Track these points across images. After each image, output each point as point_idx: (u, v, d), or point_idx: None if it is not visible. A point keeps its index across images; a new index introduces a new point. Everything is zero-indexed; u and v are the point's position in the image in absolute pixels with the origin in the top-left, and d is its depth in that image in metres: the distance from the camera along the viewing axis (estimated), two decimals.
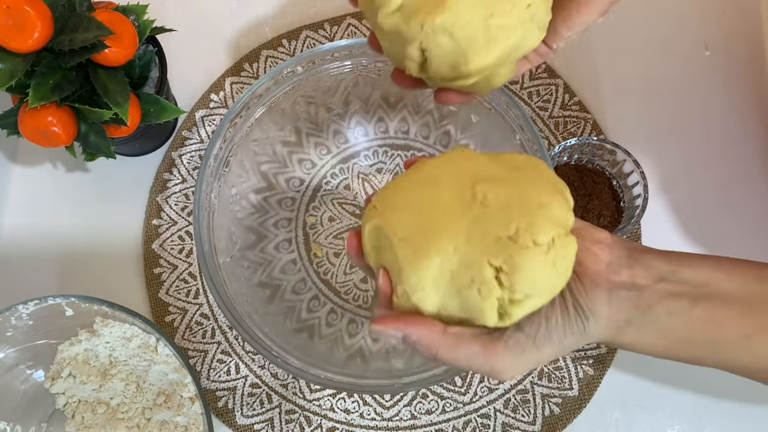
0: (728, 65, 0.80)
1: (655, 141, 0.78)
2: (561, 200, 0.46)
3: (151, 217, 0.77)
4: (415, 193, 0.48)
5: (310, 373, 0.62)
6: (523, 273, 0.44)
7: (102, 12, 0.65)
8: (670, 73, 0.80)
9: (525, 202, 0.45)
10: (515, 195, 0.46)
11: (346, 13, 0.82)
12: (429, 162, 0.50)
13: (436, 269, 0.45)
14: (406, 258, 0.46)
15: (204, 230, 0.66)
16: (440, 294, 0.46)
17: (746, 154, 0.77)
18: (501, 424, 0.71)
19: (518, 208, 0.45)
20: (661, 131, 0.78)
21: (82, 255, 0.76)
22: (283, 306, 0.73)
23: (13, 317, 0.63)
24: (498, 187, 0.47)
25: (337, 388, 0.62)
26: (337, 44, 0.68)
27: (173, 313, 0.75)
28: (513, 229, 0.44)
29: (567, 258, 0.45)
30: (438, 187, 0.48)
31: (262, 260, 0.74)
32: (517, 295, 0.44)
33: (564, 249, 0.45)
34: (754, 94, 0.79)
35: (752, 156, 0.77)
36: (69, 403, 0.69)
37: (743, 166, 0.77)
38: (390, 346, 0.71)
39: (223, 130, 0.67)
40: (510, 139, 0.69)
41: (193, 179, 0.78)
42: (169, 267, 0.76)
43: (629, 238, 0.74)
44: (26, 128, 0.65)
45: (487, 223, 0.45)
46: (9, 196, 0.78)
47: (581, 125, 0.78)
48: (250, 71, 0.81)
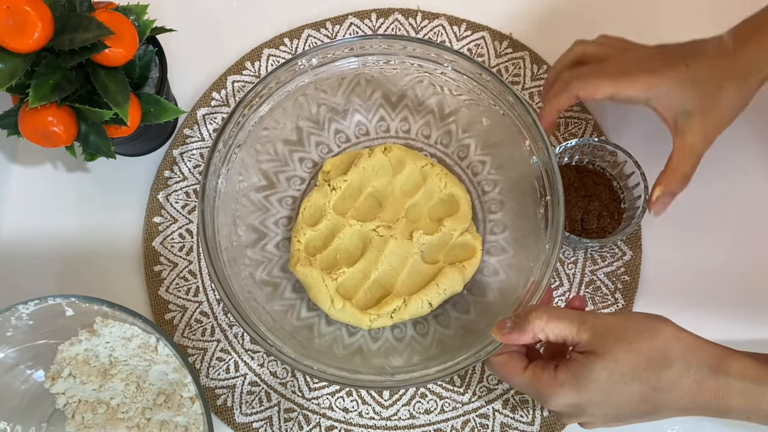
0: None
1: (655, 142, 0.77)
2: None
3: (151, 214, 0.77)
4: None
5: (304, 364, 0.63)
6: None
7: (102, 12, 0.65)
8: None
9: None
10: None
11: (348, 12, 0.82)
12: None
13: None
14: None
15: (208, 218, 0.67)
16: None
17: (746, 155, 0.77)
18: (500, 424, 0.71)
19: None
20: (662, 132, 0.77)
21: (82, 255, 0.77)
22: (283, 304, 0.73)
23: (13, 317, 0.63)
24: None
25: (330, 381, 0.63)
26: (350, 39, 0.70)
27: (173, 310, 0.75)
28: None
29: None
30: None
31: (263, 258, 0.74)
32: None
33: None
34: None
35: (752, 156, 0.77)
36: (69, 403, 0.69)
37: (743, 167, 0.77)
38: (390, 345, 0.71)
39: (234, 118, 0.69)
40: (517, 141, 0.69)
41: (195, 177, 0.78)
42: (169, 264, 0.76)
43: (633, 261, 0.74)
44: (26, 128, 0.65)
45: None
46: (9, 196, 0.79)
47: (582, 126, 0.78)
48: (252, 70, 0.80)
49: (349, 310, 0.70)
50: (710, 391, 0.52)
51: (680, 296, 0.74)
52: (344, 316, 0.70)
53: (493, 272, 0.73)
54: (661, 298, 0.74)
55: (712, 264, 0.75)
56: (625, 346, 0.52)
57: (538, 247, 0.67)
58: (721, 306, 0.74)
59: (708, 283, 0.74)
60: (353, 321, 0.71)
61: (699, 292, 0.74)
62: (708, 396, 0.52)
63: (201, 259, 0.76)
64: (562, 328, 0.54)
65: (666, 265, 0.75)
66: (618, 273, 0.74)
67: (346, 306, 0.70)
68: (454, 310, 0.73)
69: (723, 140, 0.76)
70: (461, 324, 0.72)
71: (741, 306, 0.74)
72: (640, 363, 0.52)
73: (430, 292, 0.70)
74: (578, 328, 0.54)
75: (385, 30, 0.81)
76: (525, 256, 0.70)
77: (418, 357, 0.70)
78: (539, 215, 0.68)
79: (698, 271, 0.75)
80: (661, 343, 0.53)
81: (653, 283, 0.74)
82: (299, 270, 0.71)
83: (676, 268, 0.75)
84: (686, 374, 0.52)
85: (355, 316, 0.70)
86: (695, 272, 0.75)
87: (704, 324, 0.72)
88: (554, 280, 0.74)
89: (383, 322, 0.70)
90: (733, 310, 0.73)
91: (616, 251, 0.75)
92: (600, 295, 0.74)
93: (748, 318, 0.73)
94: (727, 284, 0.74)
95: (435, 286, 0.71)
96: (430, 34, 0.81)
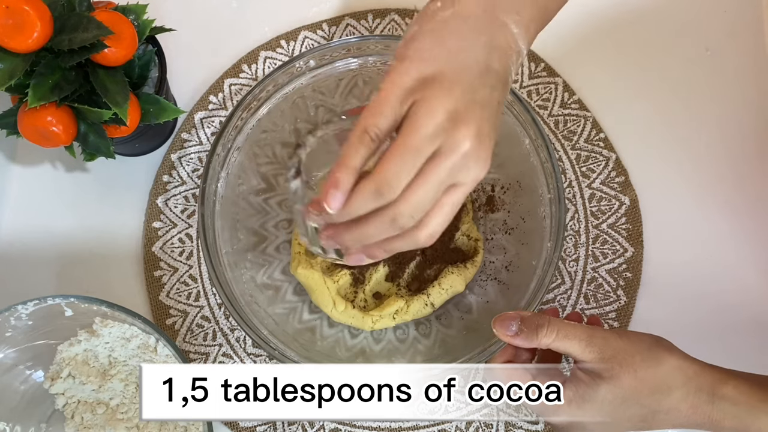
0: (728, 65, 0.80)
1: (654, 139, 0.78)
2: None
3: (150, 219, 0.77)
4: None
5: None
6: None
7: (101, 12, 0.65)
8: (670, 73, 0.80)
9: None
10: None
11: (344, 13, 0.82)
12: None
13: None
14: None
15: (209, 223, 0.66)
16: None
17: (746, 154, 0.77)
18: (504, 424, 0.70)
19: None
20: (661, 130, 0.78)
21: (82, 255, 0.76)
22: (285, 307, 0.72)
23: (12, 317, 0.63)
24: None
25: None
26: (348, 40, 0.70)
27: (174, 315, 0.74)
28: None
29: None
30: None
31: (264, 261, 0.73)
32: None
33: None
34: (754, 94, 0.79)
35: (752, 155, 0.77)
36: (68, 404, 0.69)
37: (743, 166, 0.77)
38: (393, 346, 0.71)
39: (233, 121, 0.68)
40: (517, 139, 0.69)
41: (193, 181, 0.78)
42: (169, 269, 0.75)
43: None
44: (26, 128, 0.65)
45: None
46: (9, 196, 0.78)
47: (581, 123, 0.78)
48: (249, 72, 0.81)
49: (351, 312, 0.70)
50: (705, 414, 0.55)
51: (682, 292, 0.74)
52: (346, 318, 0.70)
53: (495, 272, 0.73)
54: (663, 295, 0.74)
55: (714, 259, 0.75)
56: (631, 374, 0.54)
57: (540, 246, 0.67)
58: (724, 302, 0.73)
59: (710, 279, 0.74)
60: (355, 323, 0.70)
61: (701, 288, 0.74)
62: (703, 418, 0.55)
63: (201, 263, 0.76)
64: (569, 346, 0.56)
65: (668, 261, 0.75)
66: (620, 270, 0.74)
67: (348, 308, 0.70)
68: (456, 310, 0.73)
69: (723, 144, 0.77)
70: (464, 324, 0.71)
71: (743, 302, 0.74)
72: (644, 390, 0.55)
73: (432, 292, 0.70)
74: (585, 349, 0.55)
75: (382, 30, 0.82)
76: (526, 255, 0.70)
77: (421, 358, 0.70)
78: (540, 214, 0.68)
79: (700, 267, 0.75)
80: (664, 373, 0.55)
81: (655, 280, 0.74)
82: (300, 273, 0.70)
83: (678, 264, 0.75)
84: (685, 400, 0.55)
85: (357, 318, 0.70)
86: (697, 268, 0.74)
87: (706, 320, 0.73)
88: (556, 278, 0.74)
89: (385, 323, 0.70)
90: (735, 306, 0.73)
91: (618, 248, 0.74)
92: (602, 292, 0.73)
93: (749, 314, 0.73)
94: (729, 280, 0.74)
95: (437, 286, 0.70)
96: None
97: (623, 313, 0.73)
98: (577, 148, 0.77)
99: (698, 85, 0.79)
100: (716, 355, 0.71)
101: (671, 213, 0.76)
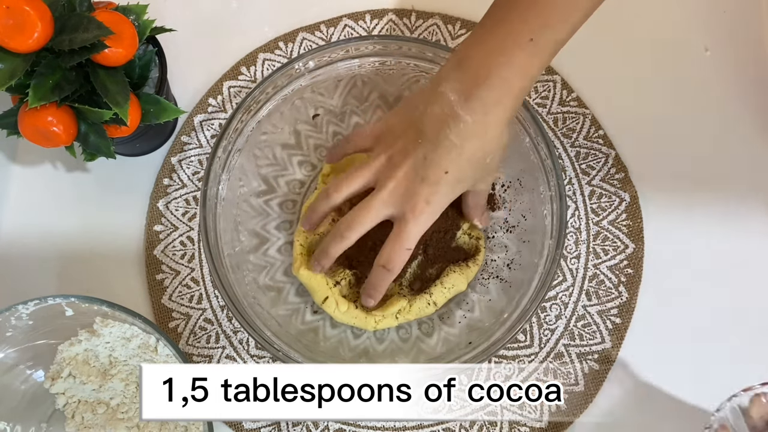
0: (728, 65, 0.80)
1: (653, 139, 0.78)
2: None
3: (152, 223, 0.77)
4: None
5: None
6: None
7: (102, 12, 0.65)
8: (669, 73, 0.80)
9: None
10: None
11: (342, 14, 0.83)
12: None
13: None
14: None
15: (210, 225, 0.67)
16: None
17: (745, 154, 0.77)
18: (508, 422, 0.70)
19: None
20: (661, 127, 0.78)
21: (83, 255, 0.76)
22: (287, 308, 0.72)
23: (13, 317, 0.63)
24: None
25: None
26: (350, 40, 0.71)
27: (177, 318, 0.74)
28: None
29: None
30: None
31: (266, 263, 0.73)
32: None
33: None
34: (754, 94, 0.79)
35: (752, 155, 0.77)
36: (69, 404, 0.69)
37: (742, 165, 0.77)
38: (396, 345, 0.71)
39: (233, 124, 0.69)
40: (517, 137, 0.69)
41: (194, 184, 0.78)
42: (171, 273, 0.75)
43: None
44: (26, 128, 0.65)
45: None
46: (9, 196, 0.78)
47: (580, 121, 0.78)
48: (248, 75, 0.81)
49: (353, 312, 0.70)
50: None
51: (684, 287, 0.73)
52: (349, 319, 0.70)
53: (497, 270, 0.73)
54: (666, 290, 0.73)
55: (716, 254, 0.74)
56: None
57: (542, 243, 0.67)
58: (726, 296, 0.73)
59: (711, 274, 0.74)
60: (358, 323, 0.70)
61: (702, 283, 0.74)
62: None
63: (203, 266, 0.76)
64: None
65: (669, 257, 0.74)
66: (621, 266, 0.74)
67: (350, 308, 0.70)
68: (458, 309, 0.72)
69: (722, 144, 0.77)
70: (466, 323, 0.71)
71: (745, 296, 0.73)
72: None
73: (434, 291, 0.70)
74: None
75: (380, 31, 0.82)
76: (528, 253, 0.70)
77: (425, 357, 0.69)
78: (541, 211, 0.68)
79: (701, 263, 0.74)
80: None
81: (657, 275, 0.74)
82: (302, 273, 0.70)
83: (679, 258, 0.74)
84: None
85: (359, 318, 0.69)
86: (698, 262, 0.74)
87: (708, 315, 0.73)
88: (558, 275, 0.74)
89: (388, 323, 0.70)
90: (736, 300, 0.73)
91: (619, 244, 0.74)
92: (604, 288, 0.73)
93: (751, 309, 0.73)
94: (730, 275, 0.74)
95: (439, 285, 0.70)
96: (425, 34, 0.82)
97: (625, 309, 0.73)
98: (577, 145, 0.77)
99: (698, 85, 0.80)
100: (718, 349, 0.72)
101: (671, 209, 0.75)
